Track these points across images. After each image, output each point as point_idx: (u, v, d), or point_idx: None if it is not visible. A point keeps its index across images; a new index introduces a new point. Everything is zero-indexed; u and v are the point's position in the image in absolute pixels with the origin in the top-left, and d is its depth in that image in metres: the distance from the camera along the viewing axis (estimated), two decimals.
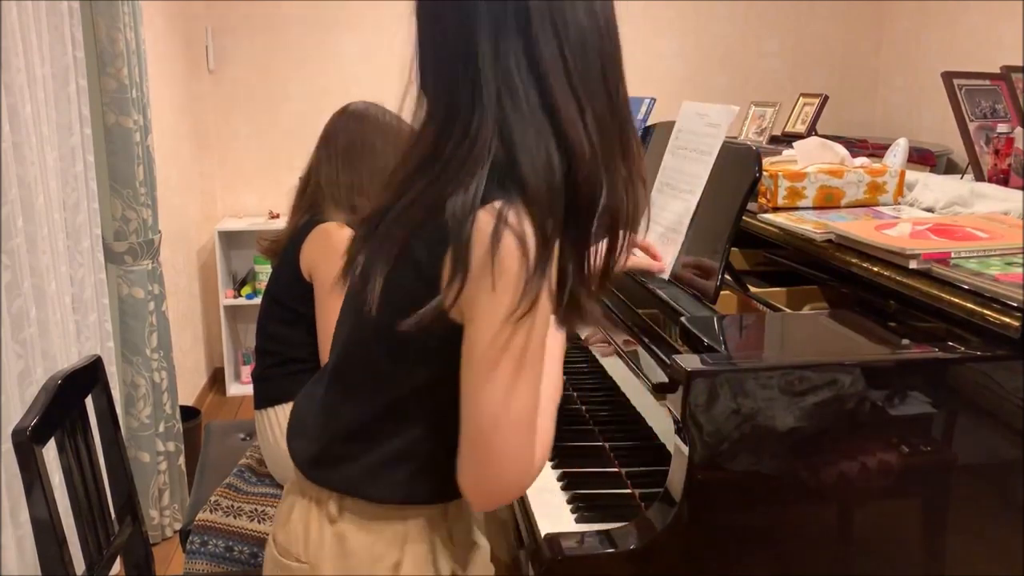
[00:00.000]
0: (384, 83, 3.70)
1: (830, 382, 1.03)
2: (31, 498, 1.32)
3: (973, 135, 1.79)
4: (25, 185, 1.88)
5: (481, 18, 0.93)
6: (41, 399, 1.38)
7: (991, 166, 1.72)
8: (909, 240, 1.25)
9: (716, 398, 1.01)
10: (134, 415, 2.50)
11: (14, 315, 1.82)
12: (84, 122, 2.21)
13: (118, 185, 2.38)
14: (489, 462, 0.92)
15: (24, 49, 1.90)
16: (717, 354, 1.09)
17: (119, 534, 1.54)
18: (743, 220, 1.42)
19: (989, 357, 1.05)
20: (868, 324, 1.21)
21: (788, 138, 2.99)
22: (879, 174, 1.57)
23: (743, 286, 1.52)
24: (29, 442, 1.30)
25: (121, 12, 2.30)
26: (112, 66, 2.31)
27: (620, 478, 1.33)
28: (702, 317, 1.26)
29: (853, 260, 1.30)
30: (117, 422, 1.60)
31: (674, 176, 1.58)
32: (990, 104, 1.84)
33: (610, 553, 1.04)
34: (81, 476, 1.46)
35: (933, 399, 1.06)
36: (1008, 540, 1.09)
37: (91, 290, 2.23)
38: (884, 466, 1.06)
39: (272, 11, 3.63)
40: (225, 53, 3.65)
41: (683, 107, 1.63)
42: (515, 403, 0.90)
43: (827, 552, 1.08)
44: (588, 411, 1.57)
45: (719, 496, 1.05)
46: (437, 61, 1.02)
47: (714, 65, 3.89)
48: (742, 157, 1.39)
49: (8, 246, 1.79)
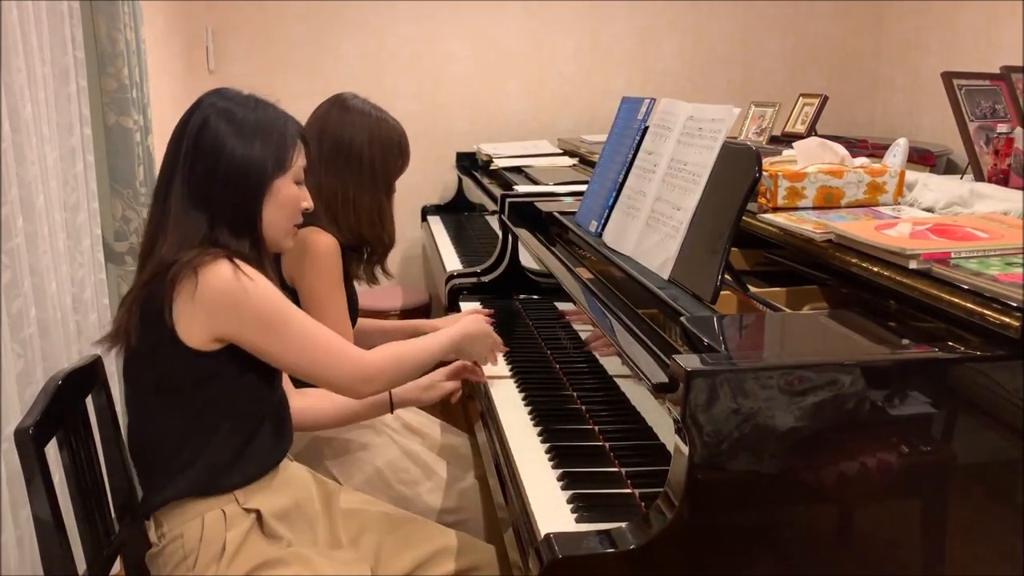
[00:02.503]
0: (384, 83, 3.71)
1: (830, 382, 1.03)
2: (33, 497, 1.32)
3: (973, 135, 1.79)
4: (25, 185, 1.88)
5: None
6: (41, 399, 1.39)
7: (991, 166, 1.72)
8: (909, 240, 1.25)
9: (716, 398, 1.01)
10: None
11: (14, 315, 1.82)
12: (84, 122, 2.21)
13: (118, 185, 2.39)
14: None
15: (24, 49, 1.90)
16: (717, 354, 1.09)
17: (119, 533, 1.54)
18: (743, 220, 1.42)
19: (989, 357, 1.05)
20: (868, 324, 1.21)
21: (788, 138, 2.99)
22: (879, 174, 1.57)
23: (743, 286, 1.52)
24: (31, 442, 1.30)
25: (121, 12, 2.30)
26: (112, 66, 2.31)
27: (620, 478, 1.33)
28: (702, 317, 1.26)
29: (853, 260, 1.30)
30: (117, 422, 1.60)
31: (678, 168, 1.58)
32: (990, 104, 1.84)
33: (610, 553, 1.04)
34: (81, 476, 1.46)
35: (933, 399, 1.06)
36: (1008, 540, 1.09)
37: (91, 290, 2.23)
38: (884, 466, 1.06)
39: (272, 11, 3.63)
40: (225, 53, 3.65)
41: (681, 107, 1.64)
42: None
43: (827, 552, 1.08)
44: (588, 411, 1.58)
45: (719, 496, 1.05)
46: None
47: (714, 65, 3.89)
48: (742, 157, 1.39)
49: (8, 246, 1.79)
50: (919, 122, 3.60)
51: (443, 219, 3.59)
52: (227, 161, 1.36)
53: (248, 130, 1.38)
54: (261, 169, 1.38)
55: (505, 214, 2.30)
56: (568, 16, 3.76)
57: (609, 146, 1.94)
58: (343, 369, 1.41)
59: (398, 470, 1.80)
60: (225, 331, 1.33)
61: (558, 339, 2.01)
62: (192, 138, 1.37)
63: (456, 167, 3.68)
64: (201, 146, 1.37)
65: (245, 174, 1.37)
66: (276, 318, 1.35)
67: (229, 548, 1.37)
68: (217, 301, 1.31)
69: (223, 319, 1.32)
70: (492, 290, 2.39)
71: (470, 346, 1.66)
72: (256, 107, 1.41)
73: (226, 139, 1.36)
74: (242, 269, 1.33)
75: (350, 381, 1.43)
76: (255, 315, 1.33)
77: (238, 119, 1.38)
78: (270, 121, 1.41)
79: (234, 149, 1.36)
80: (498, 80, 3.79)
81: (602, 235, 1.78)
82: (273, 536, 1.41)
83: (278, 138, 1.40)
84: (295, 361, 1.38)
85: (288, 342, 1.36)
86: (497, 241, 2.41)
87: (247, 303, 1.32)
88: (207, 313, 1.31)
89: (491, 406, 1.64)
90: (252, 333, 1.34)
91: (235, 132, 1.37)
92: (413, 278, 3.93)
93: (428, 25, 3.68)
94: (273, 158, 1.39)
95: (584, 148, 3.23)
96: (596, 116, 3.71)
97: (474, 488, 1.84)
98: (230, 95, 1.42)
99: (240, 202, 1.38)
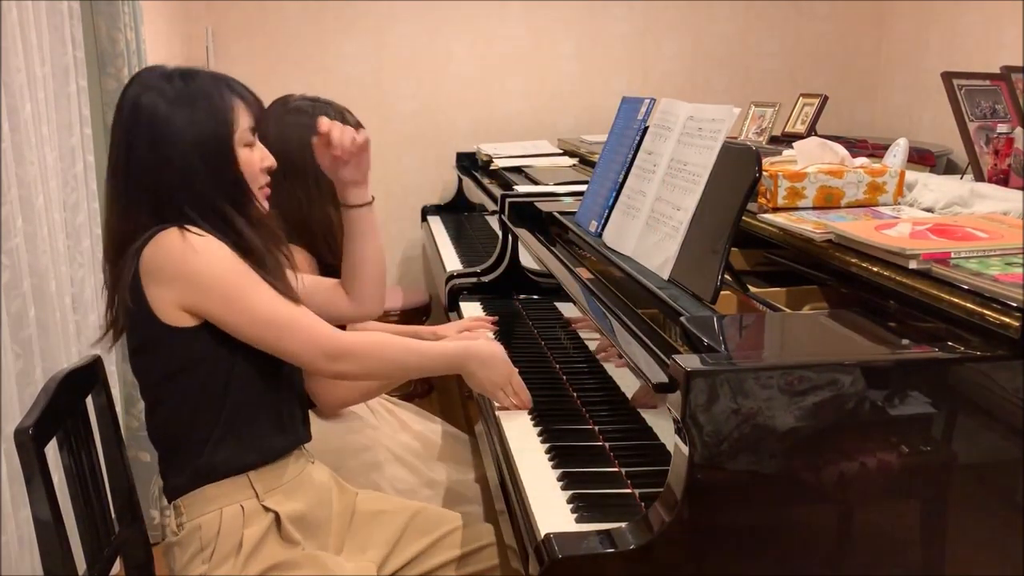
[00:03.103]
0: (384, 83, 3.71)
1: (830, 382, 1.03)
2: (33, 498, 1.32)
3: (973, 135, 1.79)
4: (25, 185, 1.88)
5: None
6: (41, 399, 1.38)
7: (991, 166, 1.72)
8: (909, 240, 1.25)
9: (716, 398, 1.01)
10: (134, 415, 2.50)
11: (14, 315, 1.82)
12: (84, 122, 2.21)
13: None
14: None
15: (24, 49, 1.90)
16: (717, 354, 1.09)
17: (119, 534, 1.54)
18: (743, 220, 1.42)
19: (989, 357, 1.05)
20: (868, 324, 1.21)
21: (788, 138, 2.99)
22: (879, 174, 1.57)
23: (743, 286, 1.52)
24: (31, 442, 1.30)
25: (121, 12, 2.30)
26: (112, 66, 2.31)
27: (620, 478, 1.33)
28: (702, 317, 1.26)
29: (853, 260, 1.30)
30: (117, 422, 1.60)
31: (678, 168, 1.58)
32: (990, 104, 1.84)
33: (610, 553, 1.04)
34: (81, 476, 1.46)
35: (933, 399, 1.06)
36: (1008, 540, 1.09)
37: (91, 290, 2.23)
38: (884, 466, 1.06)
39: (272, 11, 3.63)
40: (225, 53, 3.65)
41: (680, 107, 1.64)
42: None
43: (827, 552, 1.08)
44: (588, 411, 1.57)
45: (719, 496, 1.05)
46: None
47: (714, 65, 3.89)
48: (742, 157, 1.39)
49: (8, 246, 1.79)
50: (919, 122, 3.60)
51: (443, 219, 3.59)
52: (166, 140, 1.32)
53: (181, 102, 1.33)
54: (201, 141, 1.34)
55: (505, 214, 2.30)
56: (568, 16, 3.76)
57: (609, 146, 1.94)
58: (308, 344, 1.36)
59: (395, 479, 1.80)
60: (187, 300, 1.31)
61: (558, 339, 2.01)
62: (126, 124, 1.34)
63: (456, 167, 3.68)
64: (138, 130, 1.33)
65: (185, 151, 1.32)
66: (232, 283, 1.32)
67: (246, 546, 1.37)
68: (171, 269, 1.29)
69: (181, 287, 1.30)
70: (492, 290, 2.39)
71: (480, 370, 1.52)
72: (184, 77, 1.36)
73: (160, 118, 1.32)
74: (191, 233, 1.30)
75: (313, 356, 1.37)
76: (209, 280, 1.30)
77: (168, 95, 1.33)
78: (201, 89, 1.36)
79: (169, 126, 1.32)
80: (498, 80, 3.79)
81: (602, 235, 1.78)
82: (289, 540, 1.42)
83: (212, 105, 1.35)
84: (258, 334, 1.34)
85: (248, 312, 1.32)
86: (497, 241, 2.41)
87: (197, 267, 1.29)
88: (166, 283, 1.30)
89: (491, 406, 1.64)
90: (210, 302, 1.31)
91: (167, 109, 1.32)
92: (413, 278, 3.93)
93: (428, 25, 3.68)
94: (211, 128, 1.35)
95: (584, 148, 3.23)
96: (596, 116, 3.70)
97: (474, 489, 1.84)
98: (155, 72, 1.38)
99: (187, 180, 1.34)
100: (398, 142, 3.75)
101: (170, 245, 1.30)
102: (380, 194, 3.71)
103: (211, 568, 1.38)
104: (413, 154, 3.80)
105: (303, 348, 1.37)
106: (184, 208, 1.34)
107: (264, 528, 1.40)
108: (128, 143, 1.34)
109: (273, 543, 1.40)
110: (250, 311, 1.33)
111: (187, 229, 1.31)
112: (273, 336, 1.35)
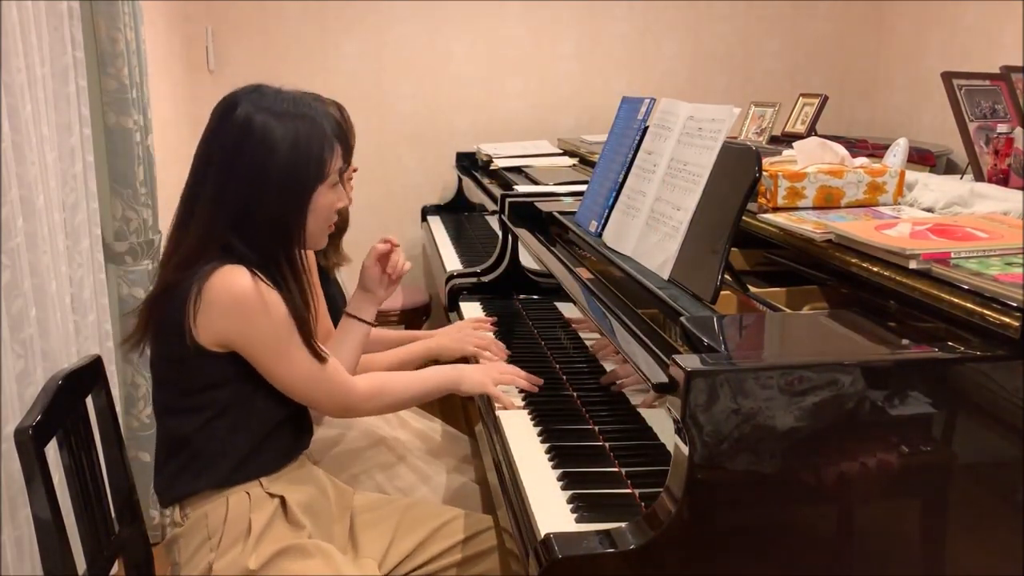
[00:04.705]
0: (384, 83, 3.71)
1: (830, 382, 1.03)
2: (33, 498, 1.32)
3: (973, 135, 1.79)
4: (25, 185, 1.88)
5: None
6: (42, 399, 1.39)
7: (991, 166, 1.72)
8: (909, 240, 1.25)
9: (716, 398, 1.01)
10: (134, 415, 2.50)
11: (14, 315, 1.82)
12: (84, 122, 2.21)
13: (118, 185, 2.38)
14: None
15: (24, 49, 1.90)
16: (717, 354, 1.09)
17: (119, 534, 1.54)
18: (743, 220, 1.42)
19: (989, 357, 1.05)
20: (868, 324, 1.21)
21: (788, 138, 2.99)
22: (879, 174, 1.57)
23: (743, 286, 1.52)
24: (31, 442, 1.30)
25: (121, 12, 2.30)
26: (112, 66, 2.31)
27: (620, 478, 1.33)
28: (702, 317, 1.26)
29: (853, 260, 1.30)
30: (117, 422, 1.60)
31: (678, 168, 1.58)
32: (990, 104, 1.84)
33: (610, 553, 1.04)
34: (81, 476, 1.46)
35: (933, 399, 1.06)
36: (1008, 540, 1.09)
37: (91, 290, 2.23)
38: (884, 466, 1.06)
39: (272, 11, 3.63)
40: (225, 53, 3.65)
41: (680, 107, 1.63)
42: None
43: (827, 552, 1.08)
44: (588, 411, 1.58)
45: (719, 496, 1.05)
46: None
47: (714, 65, 3.89)
48: (742, 157, 1.39)
49: (8, 246, 1.79)
50: (919, 122, 3.60)
51: (443, 219, 3.59)
52: (264, 174, 1.34)
53: (287, 141, 1.34)
54: (299, 183, 1.36)
55: (505, 214, 2.30)
56: (568, 16, 3.76)
57: (609, 146, 1.94)
58: (330, 398, 1.47)
59: (395, 476, 1.80)
60: (233, 338, 1.34)
61: (558, 339, 2.01)
62: (229, 145, 1.35)
63: (456, 167, 3.68)
64: (238, 153, 1.34)
65: (281, 189, 1.35)
66: (282, 339, 1.36)
67: (255, 529, 1.38)
68: (233, 308, 1.31)
69: (235, 327, 1.33)
70: (492, 290, 2.39)
71: (474, 374, 1.63)
72: (295, 110, 1.38)
73: (265, 150, 1.33)
74: (261, 281, 1.33)
75: (331, 408, 1.51)
76: (262, 333, 1.34)
77: (276, 133, 1.34)
78: (308, 129, 1.37)
79: (273, 161, 1.33)
80: (498, 80, 3.79)
81: (602, 235, 1.78)
82: (296, 524, 1.43)
83: (316, 145, 1.37)
84: (290, 384, 1.41)
85: (287, 367, 1.38)
86: (497, 241, 2.41)
87: (258, 317, 1.33)
88: (220, 316, 1.32)
89: (491, 406, 1.64)
90: (255, 350, 1.36)
91: (274, 143, 1.33)
92: (413, 278, 3.92)
93: (428, 25, 3.68)
94: (313, 169, 1.37)
95: (584, 148, 3.23)
96: (596, 116, 3.70)
97: (474, 489, 1.84)
98: (268, 94, 1.40)
99: (276, 216, 1.36)
100: (398, 142, 3.75)
101: (242, 286, 1.32)
102: (380, 194, 3.74)
103: (219, 555, 1.38)
104: (413, 154, 3.79)
105: (325, 401, 1.46)
106: (250, 241, 1.35)
107: (271, 512, 1.41)
108: (221, 167, 1.35)
109: (281, 526, 1.42)
110: (289, 366, 1.38)
111: (256, 274, 1.33)
112: (302, 389, 1.42)
